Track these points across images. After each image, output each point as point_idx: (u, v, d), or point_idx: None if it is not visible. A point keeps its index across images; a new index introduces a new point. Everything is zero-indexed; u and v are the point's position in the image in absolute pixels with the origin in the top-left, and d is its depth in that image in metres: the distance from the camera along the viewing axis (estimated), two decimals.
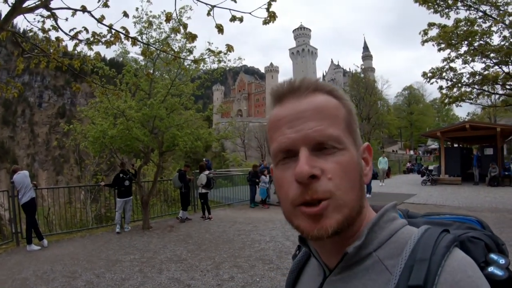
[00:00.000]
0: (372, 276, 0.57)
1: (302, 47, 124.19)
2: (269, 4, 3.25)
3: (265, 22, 3.37)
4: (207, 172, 11.27)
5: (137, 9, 8.03)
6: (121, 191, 9.48)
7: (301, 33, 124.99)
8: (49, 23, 4.00)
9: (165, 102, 9.03)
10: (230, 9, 3.11)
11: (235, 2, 3.00)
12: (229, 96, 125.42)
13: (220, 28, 3.36)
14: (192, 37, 3.59)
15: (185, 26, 3.60)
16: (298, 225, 0.59)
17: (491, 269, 0.54)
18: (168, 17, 3.61)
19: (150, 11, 8.26)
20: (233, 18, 3.33)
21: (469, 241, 0.59)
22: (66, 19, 3.68)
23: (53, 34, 4.47)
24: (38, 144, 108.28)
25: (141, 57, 9.42)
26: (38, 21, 4.03)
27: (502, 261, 0.55)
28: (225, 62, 8.75)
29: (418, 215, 0.74)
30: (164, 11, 8.22)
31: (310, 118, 0.59)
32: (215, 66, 9.44)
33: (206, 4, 3.14)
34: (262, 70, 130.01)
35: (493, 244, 0.60)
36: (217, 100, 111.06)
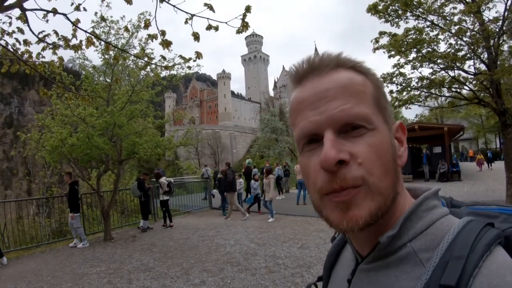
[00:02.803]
0: (406, 268, 0.52)
1: (254, 54, 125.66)
2: (244, 15, 3.40)
3: (238, 31, 3.51)
4: (164, 178, 11.15)
5: (96, 13, 7.86)
6: (78, 205, 8.90)
7: (253, 40, 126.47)
8: (15, 25, 3.89)
9: (125, 109, 8.84)
10: (208, 18, 3.22)
11: (213, 12, 3.11)
12: (181, 103, 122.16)
13: (196, 36, 3.45)
14: (167, 44, 3.64)
15: (163, 33, 3.64)
16: (327, 216, 0.54)
17: None
18: (147, 24, 3.64)
19: (111, 16, 8.12)
20: (209, 27, 3.45)
21: None
22: (44, 16, 3.55)
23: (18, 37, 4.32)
24: None
25: (99, 63, 9.21)
26: (4, 22, 3.88)
27: None
28: (190, 68, 8.73)
29: (463, 204, 0.67)
30: (124, 16, 8.22)
31: (334, 97, 0.53)
32: (174, 72, 9.38)
33: (186, 12, 3.23)
34: (214, 77, 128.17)
35: None
36: (169, 107, 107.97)
